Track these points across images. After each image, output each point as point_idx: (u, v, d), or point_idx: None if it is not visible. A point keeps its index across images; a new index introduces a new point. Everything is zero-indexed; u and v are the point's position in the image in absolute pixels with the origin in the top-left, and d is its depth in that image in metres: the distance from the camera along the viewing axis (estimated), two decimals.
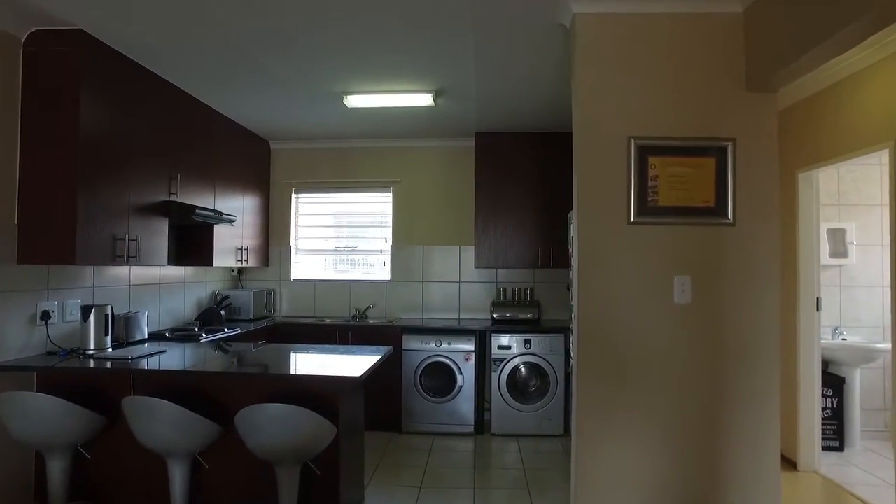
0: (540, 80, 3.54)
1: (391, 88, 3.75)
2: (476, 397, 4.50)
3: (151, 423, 2.41)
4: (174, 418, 2.39)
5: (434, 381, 4.51)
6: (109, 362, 2.82)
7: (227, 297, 4.67)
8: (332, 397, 2.61)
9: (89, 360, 2.84)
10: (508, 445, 4.26)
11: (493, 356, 4.49)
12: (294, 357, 3.15)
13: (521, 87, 3.70)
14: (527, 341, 4.47)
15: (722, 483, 2.48)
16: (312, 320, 4.93)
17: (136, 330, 3.46)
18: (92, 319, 3.03)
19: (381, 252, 5.28)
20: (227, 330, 3.97)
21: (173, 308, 4.23)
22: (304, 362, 3.10)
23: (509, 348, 4.48)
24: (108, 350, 3.07)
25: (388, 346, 3.27)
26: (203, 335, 3.72)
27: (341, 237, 5.38)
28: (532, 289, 5.00)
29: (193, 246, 4.15)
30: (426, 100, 3.87)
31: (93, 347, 3.02)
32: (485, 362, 4.72)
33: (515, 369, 4.49)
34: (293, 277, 5.32)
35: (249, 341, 3.86)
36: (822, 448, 3.71)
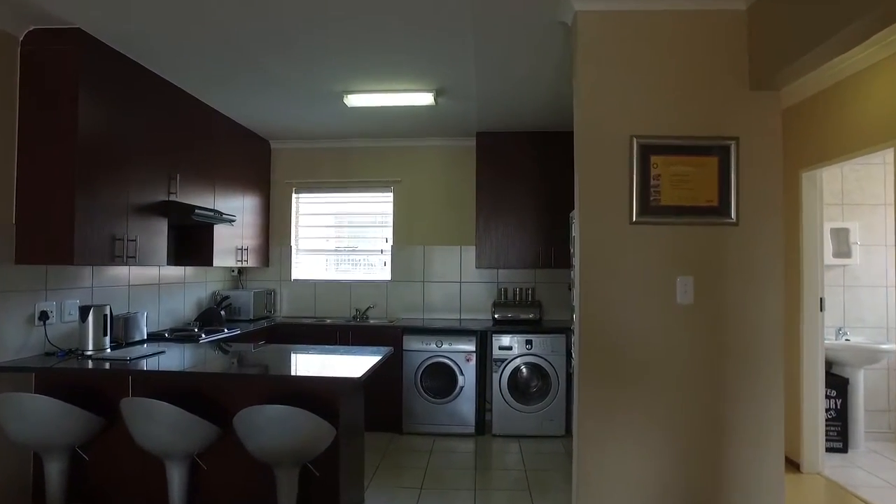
0: (541, 80, 3.52)
1: (391, 88, 3.74)
2: (477, 398, 4.48)
3: (149, 425, 2.40)
4: (172, 420, 2.37)
5: (435, 382, 4.49)
6: (108, 363, 2.80)
7: (227, 298, 4.66)
8: (332, 398, 2.59)
9: (87, 361, 2.82)
10: (509, 446, 4.24)
11: (494, 357, 4.47)
12: (294, 358, 3.13)
13: (522, 87, 3.68)
14: (528, 342, 4.45)
15: (725, 485, 2.46)
16: (313, 321, 4.91)
17: (135, 330, 3.45)
18: (90, 320, 3.01)
19: (382, 252, 5.27)
20: (227, 330, 3.96)
21: (173, 308, 4.22)
22: (304, 363, 3.08)
23: (510, 349, 4.46)
24: (107, 351, 3.06)
25: (389, 347, 3.25)
26: (203, 336, 3.70)
27: (342, 237, 5.36)
28: (533, 289, 4.97)
29: (193, 246, 4.14)
30: (427, 99, 3.85)
31: (91, 348, 3.01)
32: (486, 363, 4.70)
33: (517, 370, 4.47)
34: (293, 278, 5.30)
35: (249, 342, 3.84)
36: (826, 449, 3.69)
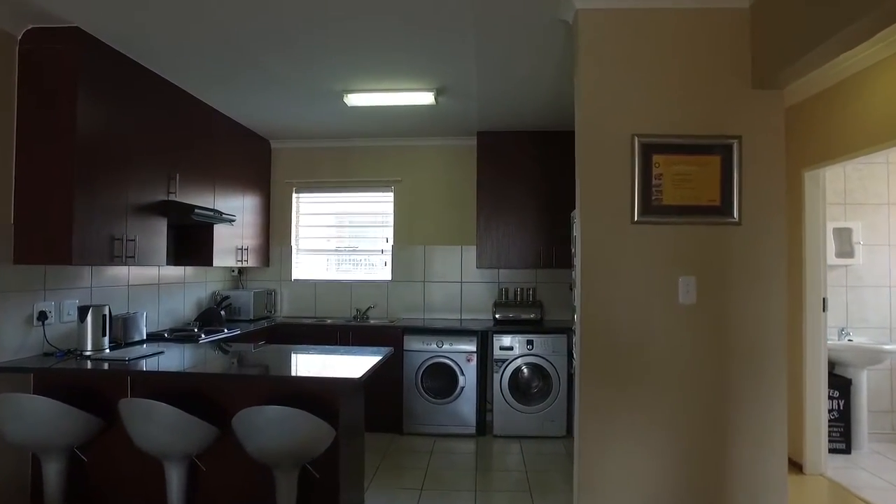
0: (542, 78, 3.50)
1: (392, 87, 3.72)
2: (478, 398, 4.46)
3: (148, 426, 2.38)
4: (171, 420, 2.36)
5: (435, 382, 4.48)
6: (106, 363, 2.78)
7: (228, 298, 4.64)
8: (332, 399, 2.57)
9: (86, 362, 2.81)
10: (510, 447, 4.23)
11: (495, 357, 4.45)
12: (294, 358, 3.11)
13: (524, 86, 3.66)
14: (529, 342, 4.43)
15: (727, 486, 2.44)
16: (313, 321, 4.90)
17: (135, 330, 3.43)
18: (89, 320, 3.00)
19: (383, 252, 5.25)
20: (227, 330, 3.94)
21: (173, 308, 4.21)
22: (304, 363, 3.07)
23: (511, 349, 4.44)
24: (106, 351, 3.04)
25: (389, 347, 3.24)
26: (202, 336, 3.69)
27: (343, 237, 5.35)
28: (534, 289, 4.95)
29: (193, 246, 4.13)
30: (427, 98, 3.83)
31: (90, 348, 2.99)
32: (487, 363, 4.68)
33: (517, 370, 4.45)
34: (294, 278, 5.29)
35: (249, 342, 3.83)
36: (829, 451, 3.67)
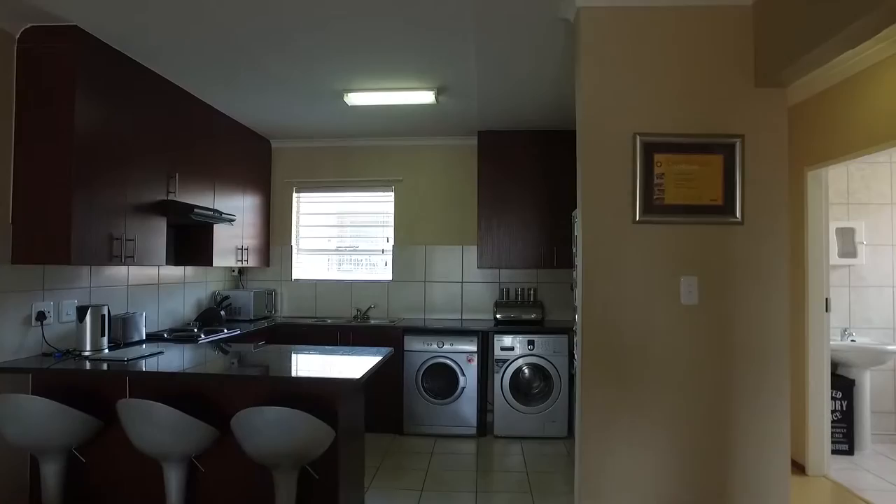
0: (543, 77, 3.48)
1: (392, 86, 3.70)
2: (479, 399, 4.44)
3: (147, 426, 2.37)
4: (170, 421, 2.34)
5: (436, 383, 4.46)
6: (105, 364, 2.77)
7: (228, 298, 4.63)
8: (331, 399, 2.56)
9: (85, 362, 2.79)
10: (511, 448, 4.21)
11: (496, 357, 4.44)
12: (294, 358, 3.10)
13: (524, 85, 3.64)
14: (530, 342, 4.41)
15: (730, 487, 2.43)
16: (313, 321, 4.88)
17: (134, 331, 3.42)
18: (88, 320, 2.99)
19: (383, 252, 5.23)
20: (227, 331, 3.93)
21: (172, 308, 4.19)
22: (304, 363, 3.05)
23: (512, 349, 4.42)
24: (105, 351, 3.03)
25: (389, 348, 3.22)
26: (202, 336, 3.67)
27: (343, 237, 5.34)
28: (535, 289, 4.94)
29: (193, 246, 4.12)
30: (428, 97, 3.81)
31: (89, 348, 2.98)
32: (487, 363, 4.66)
33: (518, 370, 4.44)
34: (294, 277, 5.28)
35: (249, 342, 3.81)
36: (832, 452, 3.65)
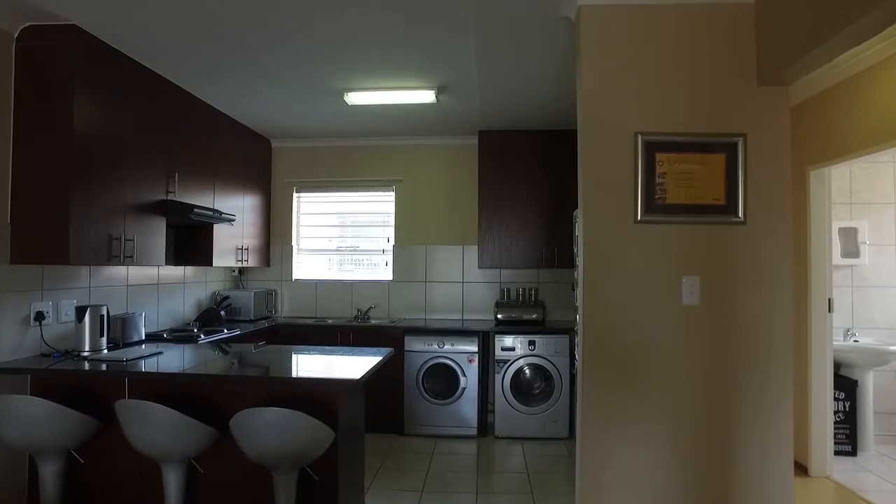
0: (544, 76, 3.47)
1: (392, 85, 3.69)
2: (479, 399, 4.43)
3: (145, 427, 2.35)
4: (169, 422, 2.33)
5: (437, 383, 4.45)
6: (104, 364, 2.76)
7: (228, 298, 4.62)
8: (331, 400, 2.54)
9: (84, 362, 2.78)
10: (512, 448, 4.19)
11: (497, 357, 4.42)
12: (294, 358, 3.08)
13: (525, 84, 3.63)
14: (531, 342, 4.39)
15: (732, 489, 2.41)
16: (314, 321, 4.87)
17: (133, 331, 3.41)
18: (87, 320, 2.98)
19: (384, 252, 5.22)
20: (227, 331, 3.92)
21: (172, 309, 4.18)
22: (304, 364, 3.04)
23: (513, 349, 4.40)
24: (104, 352, 3.02)
25: (389, 348, 3.20)
26: (202, 336, 3.66)
27: (344, 237, 5.32)
28: (536, 289, 4.92)
29: (193, 246, 4.11)
30: (428, 97, 3.80)
31: (88, 349, 2.97)
32: (488, 364, 4.65)
33: (519, 371, 4.42)
34: (294, 277, 5.26)
35: (249, 342, 3.80)
36: (834, 452, 3.63)
